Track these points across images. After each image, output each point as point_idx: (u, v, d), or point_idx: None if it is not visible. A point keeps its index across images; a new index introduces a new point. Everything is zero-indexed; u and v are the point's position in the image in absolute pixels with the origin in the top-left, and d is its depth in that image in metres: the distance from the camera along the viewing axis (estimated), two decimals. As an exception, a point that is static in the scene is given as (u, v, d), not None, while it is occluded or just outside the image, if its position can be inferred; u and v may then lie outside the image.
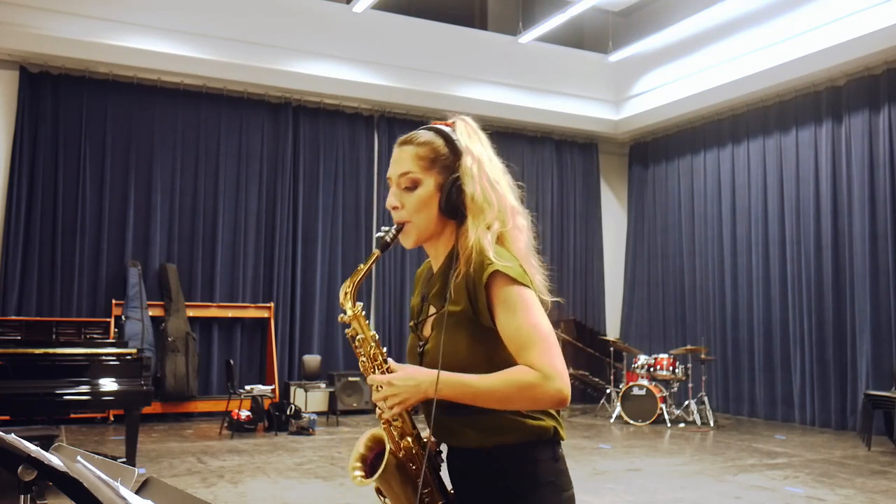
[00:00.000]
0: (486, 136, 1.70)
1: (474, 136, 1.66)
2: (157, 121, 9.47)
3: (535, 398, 1.47)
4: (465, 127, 1.66)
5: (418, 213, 1.60)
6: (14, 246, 8.65)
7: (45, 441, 4.88)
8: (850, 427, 8.69)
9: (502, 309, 1.50)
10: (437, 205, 1.59)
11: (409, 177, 1.60)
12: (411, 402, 1.50)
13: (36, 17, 8.41)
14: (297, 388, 9.21)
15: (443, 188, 1.59)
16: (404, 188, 1.60)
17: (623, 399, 9.26)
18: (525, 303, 1.50)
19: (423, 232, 1.62)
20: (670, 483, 5.96)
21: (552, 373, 1.45)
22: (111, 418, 8.46)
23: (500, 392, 1.46)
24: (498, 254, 1.53)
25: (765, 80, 9.48)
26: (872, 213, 8.69)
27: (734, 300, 10.32)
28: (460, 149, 1.61)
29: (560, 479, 1.58)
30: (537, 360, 1.46)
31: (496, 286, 1.50)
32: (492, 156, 1.65)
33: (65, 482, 1.08)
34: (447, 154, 1.61)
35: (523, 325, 1.48)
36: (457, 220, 1.60)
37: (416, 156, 1.60)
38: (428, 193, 1.59)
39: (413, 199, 1.59)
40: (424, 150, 1.61)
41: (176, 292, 9.24)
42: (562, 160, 11.91)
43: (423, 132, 1.64)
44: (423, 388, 1.49)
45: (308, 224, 10.19)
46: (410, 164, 1.60)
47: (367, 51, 9.96)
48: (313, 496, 5.39)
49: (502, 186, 1.63)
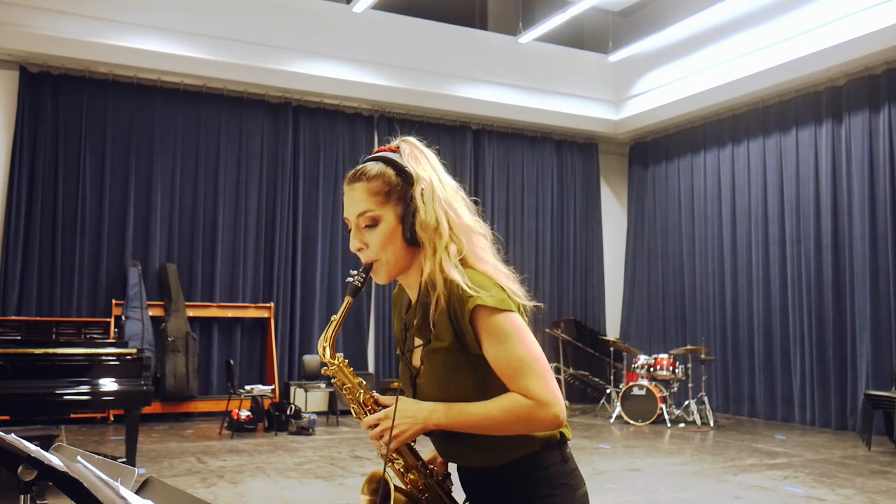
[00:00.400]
0: (433, 152, 1.65)
1: (422, 158, 1.60)
2: (157, 121, 9.47)
3: (532, 425, 1.47)
4: (411, 150, 1.61)
5: (385, 249, 1.55)
6: (14, 246, 8.65)
7: (45, 441, 4.87)
8: (850, 427, 8.69)
9: (489, 341, 1.48)
10: (402, 237, 1.55)
11: (368, 215, 1.55)
12: (408, 434, 1.50)
13: (36, 17, 8.41)
14: (297, 388, 9.21)
15: (403, 219, 1.54)
16: (365, 227, 1.56)
17: (623, 399, 9.26)
18: (511, 331, 1.47)
19: (394, 267, 1.58)
20: (670, 483, 5.96)
21: (547, 400, 1.45)
22: (111, 418, 8.46)
23: (497, 420, 1.46)
24: (472, 281, 1.49)
25: (765, 80, 9.48)
26: (872, 213, 8.69)
27: (734, 300, 10.32)
28: (412, 175, 1.56)
29: (572, 479, 1.58)
30: (531, 388, 1.45)
31: (480, 319, 1.47)
32: (442, 175, 1.60)
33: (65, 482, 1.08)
34: (399, 183, 1.55)
35: (513, 355, 1.47)
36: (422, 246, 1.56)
37: (369, 191, 1.55)
38: (390, 228, 1.55)
39: (376, 237, 1.55)
40: (377, 184, 1.55)
41: (176, 292, 9.24)
42: (562, 160, 11.91)
43: (371, 165, 1.58)
44: (420, 418, 1.49)
45: (308, 224, 10.19)
46: (366, 203, 1.55)
47: (367, 51, 9.96)
48: (313, 496, 5.39)
49: (456, 207, 1.57)
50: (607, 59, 11.24)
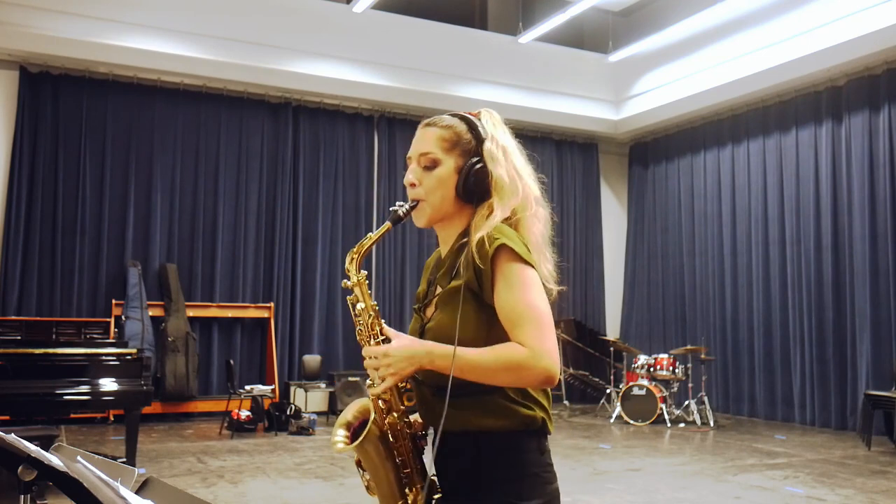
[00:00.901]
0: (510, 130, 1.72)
1: (500, 127, 1.68)
2: (157, 121, 9.47)
3: (521, 376, 1.48)
4: (491, 118, 1.69)
5: (434, 192, 1.61)
6: (14, 246, 8.65)
7: (45, 441, 4.88)
8: (850, 427, 8.69)
9: (502, 283, 1.51)
10: (454, 187, 1.61)
11: (430, 156, 1.62)
12: (405, 373, 1.51)
13: (36, 17, 8.41)
14: (297, 388, 9.21)
15: (461, 171, 1.61)
16: (423, 167, 1.63)
17: (623, 399, 9.26)
18: (525, 280, 1.51)
19: (437, 212, 1.63)
20: (670, 483, 5.96)
21: (541, 351, 1.46)
22: (111, 418, 8.46)
23: (489, 365, 1.47)
24: (505, 231, 1.55)
25: (765, 80, 9.48)
26: (872, 213, 8.69)
27: (734, 300, 10.32)
28: (483, 136, 1.63)
29: (544, 472, 1.58)
30: (528, 337, 1.47)
31: (500, 260, 1.52)
32: (515, 147, 1.68)
33: (65, 482, 1.08)
34: (470, 139, 1.63)
35: (519, 302, 1.50)
36: (472, 203, 1.62)
37: (438, 137, 1.63)
38: (446, 173, 1.61)
39: (431, 179, 1.62)
40: (448, 132, 1.63)
41: (176, 292, 9.24)
42: (562, 160, 11.91)
43: (447, 116, 1.67)
44: (418, 359, 1.50)
45: (308, 224, 10.19)
46: (432, 145, 1.62)
47: (367, 51, 9.96)
48: (313, 496, 5.39)
49: (526, 175, 1.65)
50: (607, 59, 11.24)
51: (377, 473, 1.58)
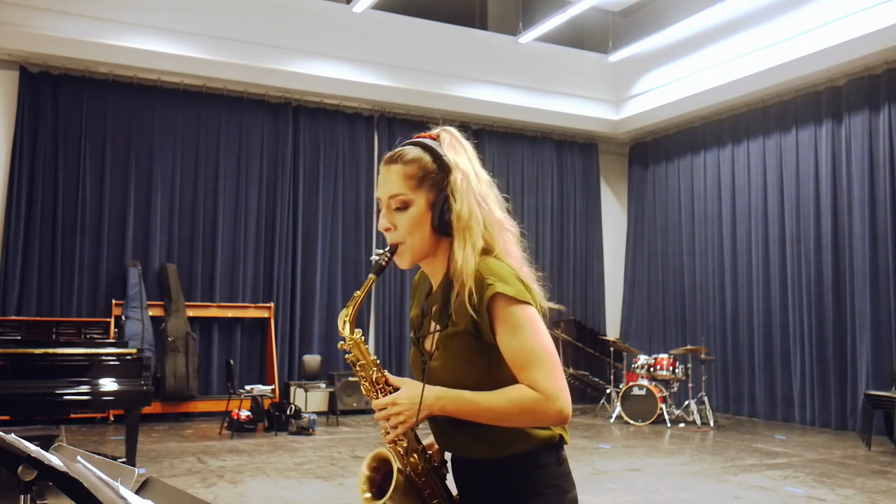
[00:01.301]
0: (472, 145, 1.67)
1: (460, 149, 1.62)
2: (157, 121, 9.47)
3: (536, 418, 1.48)
4: (451, 139, 1.63)
5: (411, 233, 1.57)
6: (14, 246, 8.65)
7: (45, 441, 4.88)
8: (850, 427, 8.69)
9: (504, 329, 1.50)
10: (430, 223, 1.57)
11: (400, 198, 1.57)
12: (413, 421, 1.51)
13: (36, 17, 8.41)
14: (297, 388, 9.21)
15: (434, 206, 1.56)
16: (395, 209, 1.58)
17: (623, 399, 9.26)
18: (526, 322, 1.50)
19: (418, 252, 1.59)
20: (670, 483, 5.96)
21: (554, 393, 1.46)
22: (111, 418, 8.46)
23: (503, 411, 1.48)
24: (496, 271, 1.52)
25: (765, 80, 9.48)
26: (872, 213, 8.69)
27: (734, 300, 10.32)
28: (449, 164, 1.58)
29: (564, 482, 1.60)
30: (540, 380, 1.46)
31: (497, 307, 1.49)
32: (478, 168, 1.63)
33: (65, 482, 1.08)
34: (435, 170, 1.58)
35: (525, 346, 1.49)
36: (451, 236, 1.58)
37: (404, 175, 1.57)
38: (419, 213, 1.56)
39: (405, 220, 1.57)
40: (412, 168, 1.57)
41: (176, 292, 9.23)
42: (562, 160, 11.91)
43: (409, 149, 1.61)
44: (427, 405, 1.50)
45: (308, 224, 10.19)
46: (399, 185, 1.57)
47: (367, 51, 9.96)
48: (313, 496, 5.39)
49: (489, 201, 1.60)
50: (607, 59, 11.24)
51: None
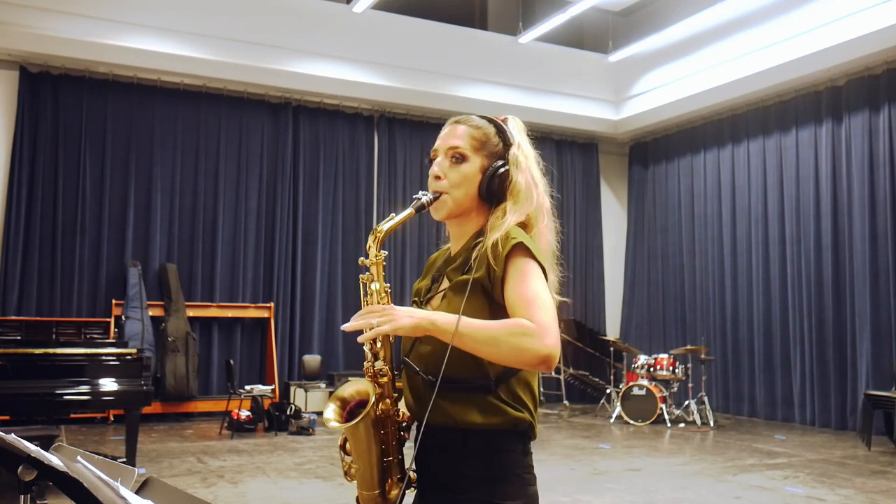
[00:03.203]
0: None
1: (524, 135, 1.73)
2: (157, 121, 9.47)
3: (523, 346, 1.44)
4: (517, 125, 1.74)
5: (458, 187, 1.64)
6: (14, 246, 8.65)
7: (45, 441, 4.88)
8: (850, 427, 8.69)
9: (514, 276, 1.53)
10: (477, 185, 1.64)
11: (458, 150, 1.65)
12: (402, 324, 1.46)
13: (36, 17, 8.41)
14: (297, 388, 9.21)
15: (485, 172, 1.64)
16: (451, 160, 1.65)
17: (623, 399, 9.26)
18: (537, 274, 1.54)
19: (458, 207, 1.65)
20: (670, 483, 5.96)
21: (547, 330, 1.46)
22: (111, 418, 8.46)
23: (493, 331, 1.46)
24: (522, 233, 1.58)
25: (765, 80, 9.48)
26: (872, 213, 8.69)
27: (734, 300, 10.32)
28: (510, 141, 1.68)
29: (526, 474, 1.59)
30: (534, 316, 1.47)
31: (515, 256, 1.54)
32: (535, 157, 1.73)
33: (65, 482, 1.08)
34: (497, 142, 1.68)
35: (529, 290, 1.51)
36: (490, 204, 1.65)
37: (469, 135, 1.66)
38: (472, 171, 1.64)
39: (456, 173, 1.64)
40: (478, 132, 1.67)
41: (176, 292, 9.23)
42: (562, 160, 11.91)
43: (476, 117, 1.71)
44: (419, 317, 1.48)
45: (308, 224, 10.19)
46: (463, 140, 1.65)
47: (367, 51, 9.96)
48: (313, 496, 5.39)
49: (541, 187, 1.69)
50: (607, 59, 11.24)
51: (362, 458, 1.58)
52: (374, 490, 1.60)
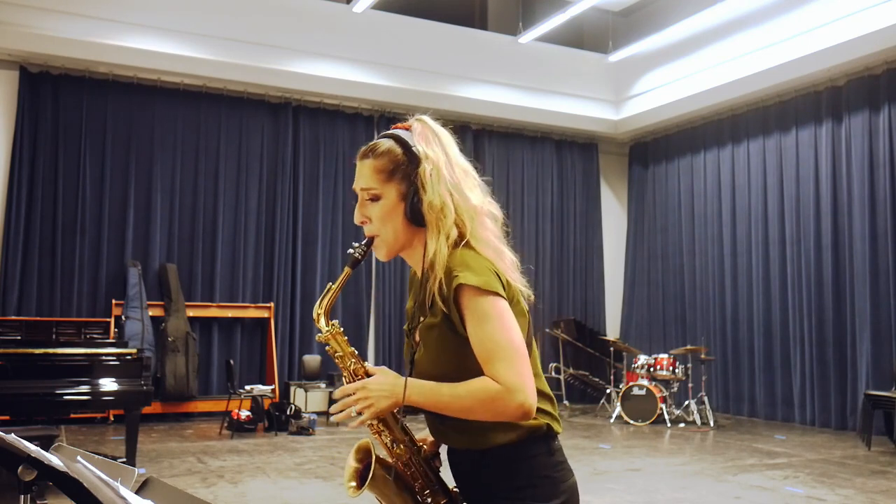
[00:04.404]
0: (448, 131, 1.66)
1: (432, 138, 1.61)
2: (157, 121, 9.47)
3: (496, 410, 1.47)
4: (423, 129, 1.62)
5: (384, 225, 1.59)
6: (14, 246, 8.65)
7: (45, 441, 4.87)
8: (850, 427, 8.69)
9: (470, 320, 1.49)
10: (403, 215, 1.58)
11: (371, 191, 1.60)
12: (382, 406, 1.51)
13: (36, 17, 8.41)
14: (297, 388, 9.21)
15: (406, 197, 1.57)
16: (368, 201, 1.61)
17: (623, 399, 9.26)
18: (490, 314, 1.48)
19: (394, 244, 1.61)
20: (670, 483, 5.96)
21: (515, 386, 1.45)
22: (111, 418, 8.46)
23: (465, 402, 1.47)
24: (465, 261, 1.51)
25: (765, 80, 9.48)
26: (872, 213, 8.69)
27: (734, 300, 10.32)
28: (418, 155, 1.58)
29: (557, 472, 1.58)
30: (501, 373, 1.45)
31: (463, 298, 1.49)
32: (453, 156, 1.61)
33: (65, 482, 1.08)
34: (405, 162, 1.58)
35: (489, 338, 1.47)
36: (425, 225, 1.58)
37: (374, 169, 1.59)
38: (390, 205, 1.58)
39: (377, 212, 1.59)
40: (382, 161, 1.59)
41: (176, 292, 9.23)
42: (562, 160, 11.91)
43: (382, 141, 1.62)
44: (394, 392, 1.51)
45: (308, 224, 10.19)
46: (370, 179, 1.60)
47: (367, 51, 9.96)
48: (313, 496, 5.39)
49: (464, 187, 1.58)
50: (607, 59, 11.24)
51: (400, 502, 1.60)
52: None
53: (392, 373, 1.55)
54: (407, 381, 1.51)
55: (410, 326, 1.68)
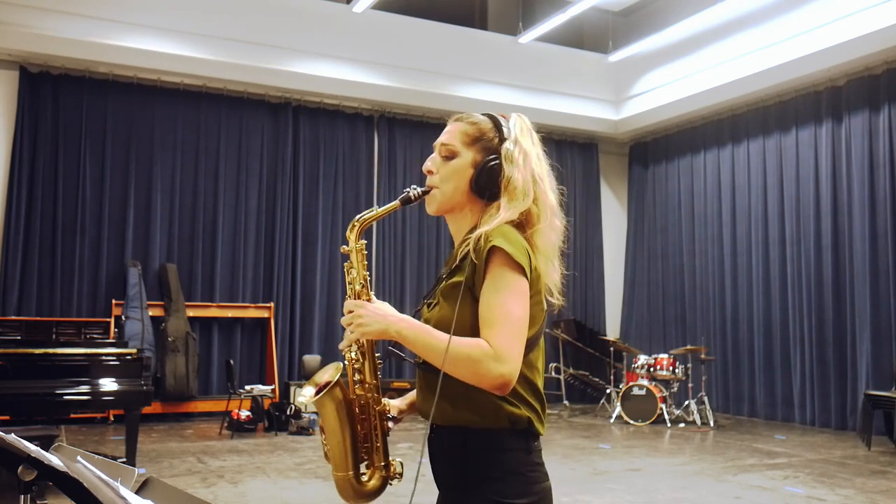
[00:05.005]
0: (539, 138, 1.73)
1: (526, 132, 1.69)
2: (157, 121, 9.47)
3: (477, 372, 1.47)
4: (519, 122, 1.70)
5: (448, 181, 1.65)
6: (14, 246, 8.65)
7: (45, 441, 4.88)
8: (850, 427, 8.69)
9: (488, 282, 1.52)
10: (469, 180, 1.64)
11: (449, 147, 1.66)
12: (372, 329, 1.54)
13: (36, 17, 8.41)
14: (297, 388, 9.20)
15: (478, 166, 1.64)
16: (443, 156, 1.67)
17: (623, 399, 9.26)
18: (509, 286, 1.51)
19: (448, 201, 1.66)
20: (670, 483, 5.96)
21: (503, 355, 1.47)
22: (111, 418, 8.46)
23: (451, 352, 1.48)
24: (504, 232, 1.55)
25: (765, 80, 9.48)
26: (872, 213, 8.69)
27: (734, 300, 10.32)
28: (506, 136, 1.65)
29: (531, 471, 1.57)
30: (495, 338, 1.48)
31: (492, 261, 1.53)
32: (540, 153, 1.69)
33: (65, 482, 1.08)
34: (493, 137, 1.66)
35: (497, 304, 1.50)
36: (484, 199, 1.64)
37: (462, 131, 1.67)
38: (462, 165, 1.64)
39: (446, 168, 1.65)
40: (472, 128, 1.67)
41: (176, 292, 9.23)
42: (562, 160, 11.89)
43: (477, 114, 1.71)
44: (387, 321, 1.54)
45: (308, 224, 10.19)
46: (454, 137, 1.67)
47: (367, 51, 9.96)
48: (313, 496, 5.39)
49: (545, 184, 1.65)
50: (607, 59, 11.24)
51: (333, 437, 1.62)
52: (347, 472, 1.63)
53: (391, 307, 1.60)
54: (404, 316, 1.55)
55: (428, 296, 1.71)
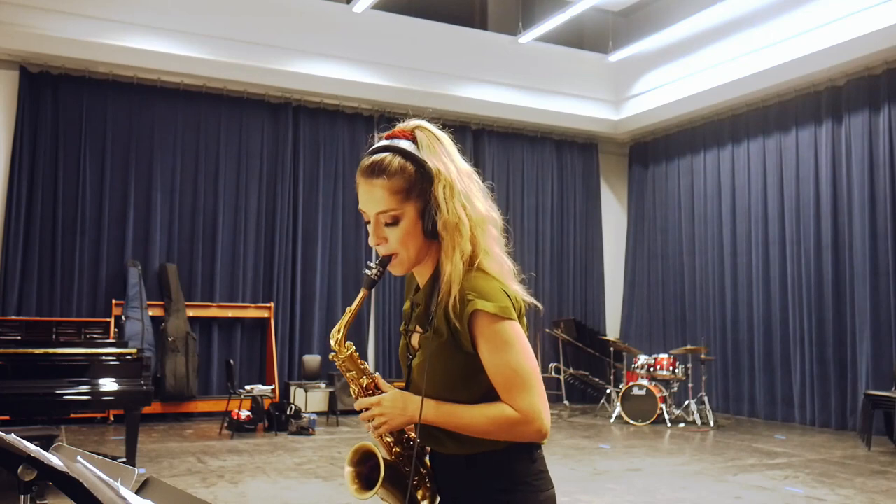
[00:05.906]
0: (447, 133, 1.63)
1: (438, 147, 1.57)
2: (157, 121, 9.47)
3: (514, 436, 1.51)
4: (428, 139, 1.57)
5: (406, 245, 1.55)
6: (14, 246, 8.65)
7: (45, 441, 4.88)
8: (850, 427, 8.69)
9: (486, 346, 1.49)
10: (422, 232, 1.54)
11: (389, 214, 1.53)
12: (396, 423, 1.55)
13: (36, 17, 8.41)
14: (297, 388, 9.21)
15: (423, 214, 1.53)
16: (386, 224, 1.54)
17: (623, 399, 9.26)
18: (509, 340, 1.49)
19: (413, 261, 1.58)
20: (670, 483, 5.96)
21: (533, 415, 1.48)
22: (111, 418, 8.46)
23: (482, 427, 1.50)
24: (478, 285, 1.50)
25: (765, 80, 9.48)
26: (872, 213, 8.69)
27: (734, 300, 10.32)
28: (431, 172, 1.53)
29: (537, 480, 1.57)
30: (519, 402, 1.48)
31: (478, 325, 1.48)
32: (458, 163, 1.58)
33: (65, 482, 1.08)
34: (419, 179, 1.53)
35: (507, 365, 1.49)
36: (435, 239, 1.55)
37: (390, 190, 1.52)
38: (411, 224, 1.53)
39: (398, 234, 1.54)
40: (398, 182, 1.52)
41: (176, 292, 9.23)
42: (562, 160, 11.91)
43: (388, 158, 1.54)
44: (409, 412, 1.54)
45: (308, 224, 10.19)
46: (387, 202, 1.52)
47: (367, 51, 9.95)
48: (313, 496, 5.39)
49: (472, 197, 1.56)
50: (607, 59, 11.24)
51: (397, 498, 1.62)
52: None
53: (404, 393, 1.57)
54: (423, 401, 1.52)
55: (406, 328, 1.68)
